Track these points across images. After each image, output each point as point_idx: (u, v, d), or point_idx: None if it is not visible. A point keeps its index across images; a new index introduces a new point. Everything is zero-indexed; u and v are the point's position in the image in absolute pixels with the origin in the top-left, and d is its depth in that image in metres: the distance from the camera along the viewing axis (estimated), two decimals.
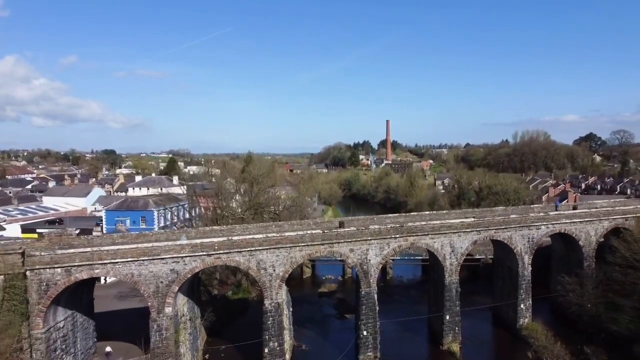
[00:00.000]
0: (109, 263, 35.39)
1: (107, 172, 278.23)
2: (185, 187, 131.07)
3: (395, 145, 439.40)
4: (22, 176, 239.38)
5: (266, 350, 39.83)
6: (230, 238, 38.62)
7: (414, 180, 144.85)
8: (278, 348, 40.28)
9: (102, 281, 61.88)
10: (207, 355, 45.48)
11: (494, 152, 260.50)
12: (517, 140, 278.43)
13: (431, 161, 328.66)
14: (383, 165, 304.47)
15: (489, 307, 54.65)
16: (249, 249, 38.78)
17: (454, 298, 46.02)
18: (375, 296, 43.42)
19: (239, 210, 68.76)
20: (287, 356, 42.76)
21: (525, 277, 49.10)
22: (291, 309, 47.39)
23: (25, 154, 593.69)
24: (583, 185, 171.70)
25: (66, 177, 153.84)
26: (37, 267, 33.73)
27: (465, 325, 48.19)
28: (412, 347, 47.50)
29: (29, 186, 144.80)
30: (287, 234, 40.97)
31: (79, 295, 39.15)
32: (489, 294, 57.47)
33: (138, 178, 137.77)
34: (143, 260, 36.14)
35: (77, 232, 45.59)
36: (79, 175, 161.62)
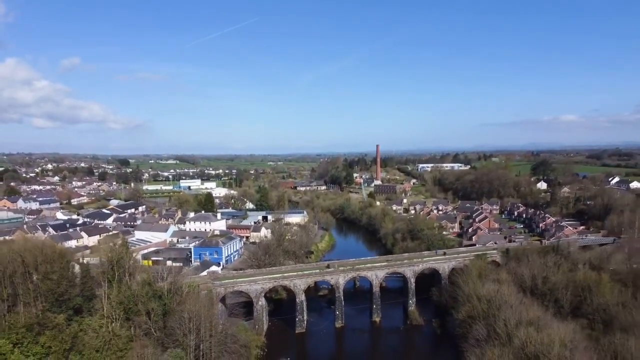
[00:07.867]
0: (240, 283, 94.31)
1: (147, 193, 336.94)
2: (225, 220, 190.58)
3: (386, 162, 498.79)
4: (78, 200, 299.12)
5: (297, 320, 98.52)
6: (283, 275, 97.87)
7: (386, 213, 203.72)
8: (302, 319, 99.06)
9: None
10: (269, 323, 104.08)
11: (462, 177, 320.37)
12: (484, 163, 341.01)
13: (414, 181, 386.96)
14: (373, 185, 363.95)
15: (400, 302, 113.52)
16: (291, 278, 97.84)
17: (377, 297, 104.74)
18: (342, 297, 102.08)
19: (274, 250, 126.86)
20: (305, 323, 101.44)
21: (411, 289, 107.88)
22: (305, 303, 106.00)
23: (50, 166, 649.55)
24: (516, 213, 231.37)
25: (134, 210, 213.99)
26: (216, 287, 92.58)
27: (386, 309, 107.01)
28: (359, 319, 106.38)
29: (111, 220, 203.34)
30: (305, 272, 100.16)
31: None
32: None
33: (191, 214, 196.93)
34: (251, 282, 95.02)
35: (217, 269, 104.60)
36: (141, 209, 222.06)
